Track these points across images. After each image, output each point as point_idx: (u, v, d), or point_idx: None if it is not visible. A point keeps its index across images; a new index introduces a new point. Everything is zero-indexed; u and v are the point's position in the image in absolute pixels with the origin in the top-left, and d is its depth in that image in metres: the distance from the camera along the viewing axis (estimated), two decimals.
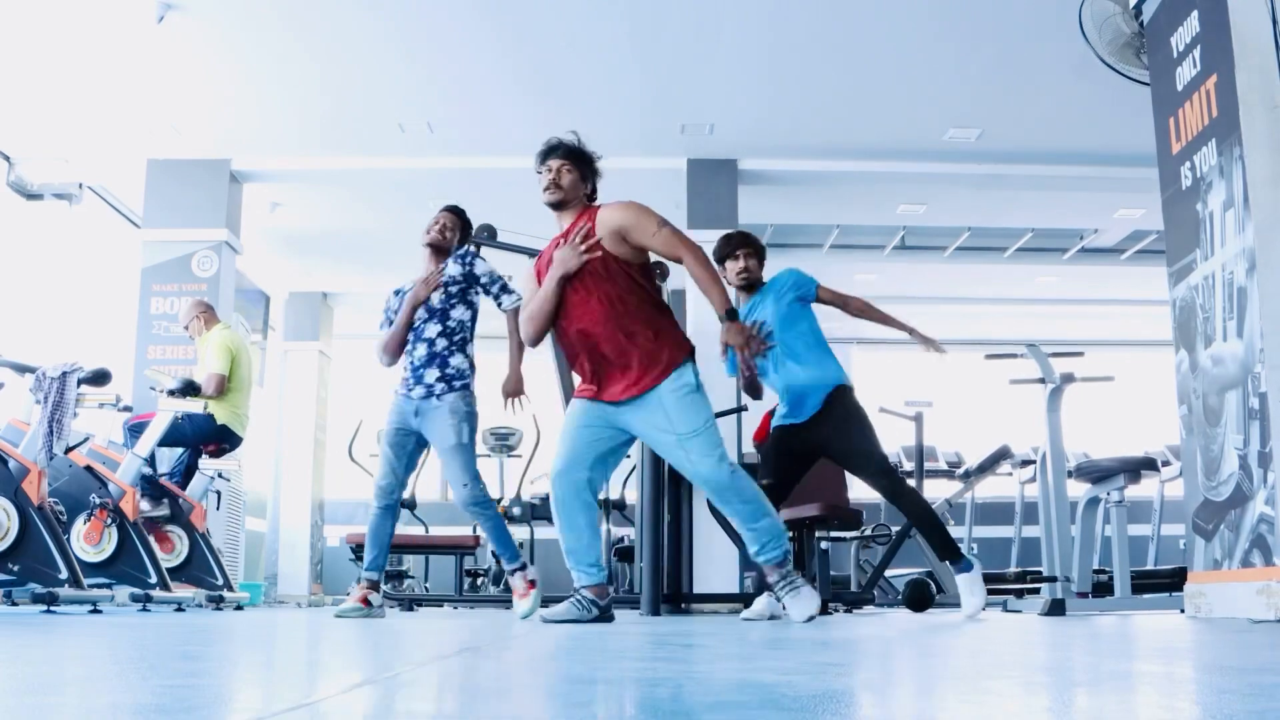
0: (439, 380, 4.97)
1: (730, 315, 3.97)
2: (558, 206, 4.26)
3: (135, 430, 6.41)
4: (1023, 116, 8.07)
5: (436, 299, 5.06)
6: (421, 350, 5.04)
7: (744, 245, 5.09)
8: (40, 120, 7.90)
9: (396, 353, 5.12)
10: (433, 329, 5.04)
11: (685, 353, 4.05)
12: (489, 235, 7.25)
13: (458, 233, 5.28)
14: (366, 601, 4.97)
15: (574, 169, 4.26)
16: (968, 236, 10.50)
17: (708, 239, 4.87)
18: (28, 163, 8.39)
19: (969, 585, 4.72)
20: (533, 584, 5.09)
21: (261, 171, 8.78)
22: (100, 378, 5.47)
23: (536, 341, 4.30)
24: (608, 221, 4.09)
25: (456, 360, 5.02)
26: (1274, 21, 4.21)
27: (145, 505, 6.50)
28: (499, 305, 5.15)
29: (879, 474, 4.73)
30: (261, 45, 6.98)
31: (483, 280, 5.11)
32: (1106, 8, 5.42)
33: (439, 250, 5.20)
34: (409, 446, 5.07)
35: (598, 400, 4.10)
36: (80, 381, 5.32)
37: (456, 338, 5.05)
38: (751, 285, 5.06)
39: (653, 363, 3.99)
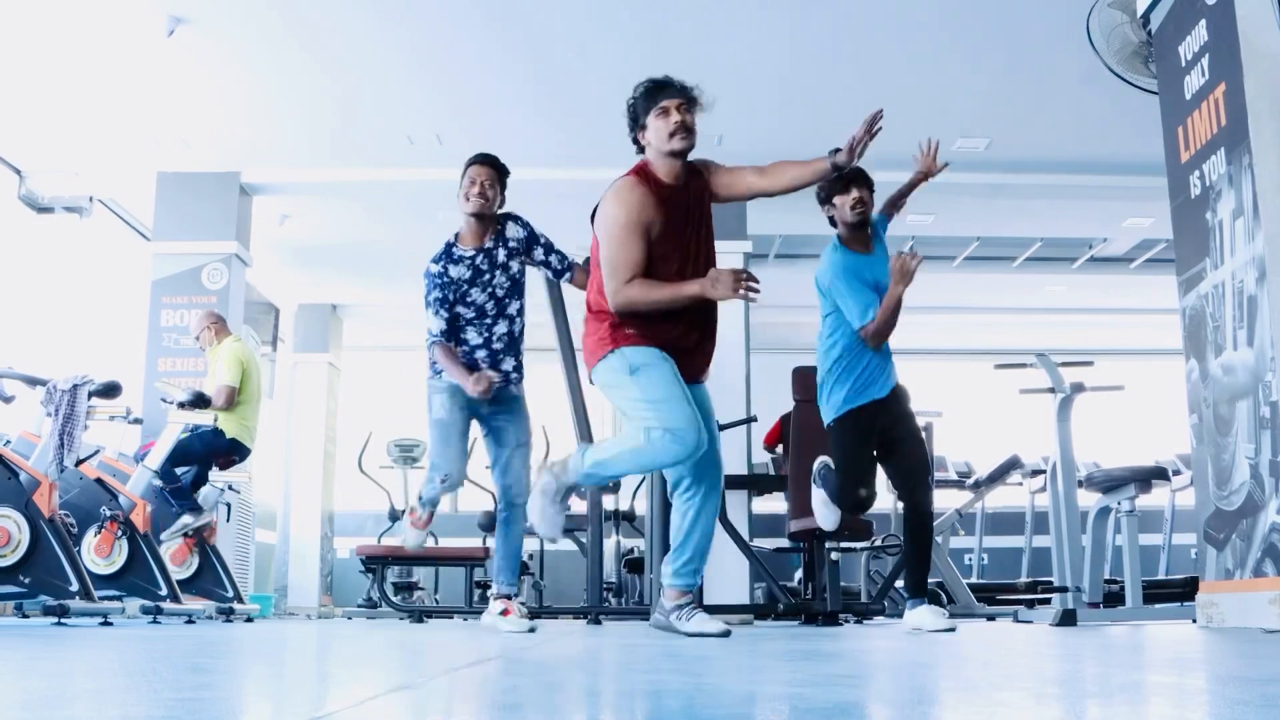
0: (515, 370, 4.56)
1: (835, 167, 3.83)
2: (683, 155, 3.77)
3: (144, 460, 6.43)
4: (1031, 126, 8.06)
5: (515, 268, 4.52)
6: (502, 329, 4.51)
7: (857, 178, 4.66)
8: (51, 134, 7.94)
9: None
10: (514, 306, 4.53)
11: None
12: None
13: (499, 189, 4.55)
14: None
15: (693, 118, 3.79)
16: (976, 246, 10.49)
17: (718, 251, 4.81)
18: (38, 176, 8.43)
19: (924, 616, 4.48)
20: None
21: (271, 184, 8.81)
22: (111, 390, 5.48)
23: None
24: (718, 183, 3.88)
25: (521, 354, 4.61)
26: None
27: (188, 519, 6.53)
28: (559, 266, 4.57)
29: (925, 466, 4.67)
30: (271, 58, 7.01)
31: (542, 241, 4.59)
32: (1114, 17, 5.42)
33: (484, 218, 4.51)
34: (466, 434, 4.56)
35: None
36: (91, 394, 5.34)
37: (521, 323, 4.60)
38: (865, 222, 4.66)
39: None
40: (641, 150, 3.87)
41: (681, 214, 3.77)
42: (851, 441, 4.56)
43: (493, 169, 4.54)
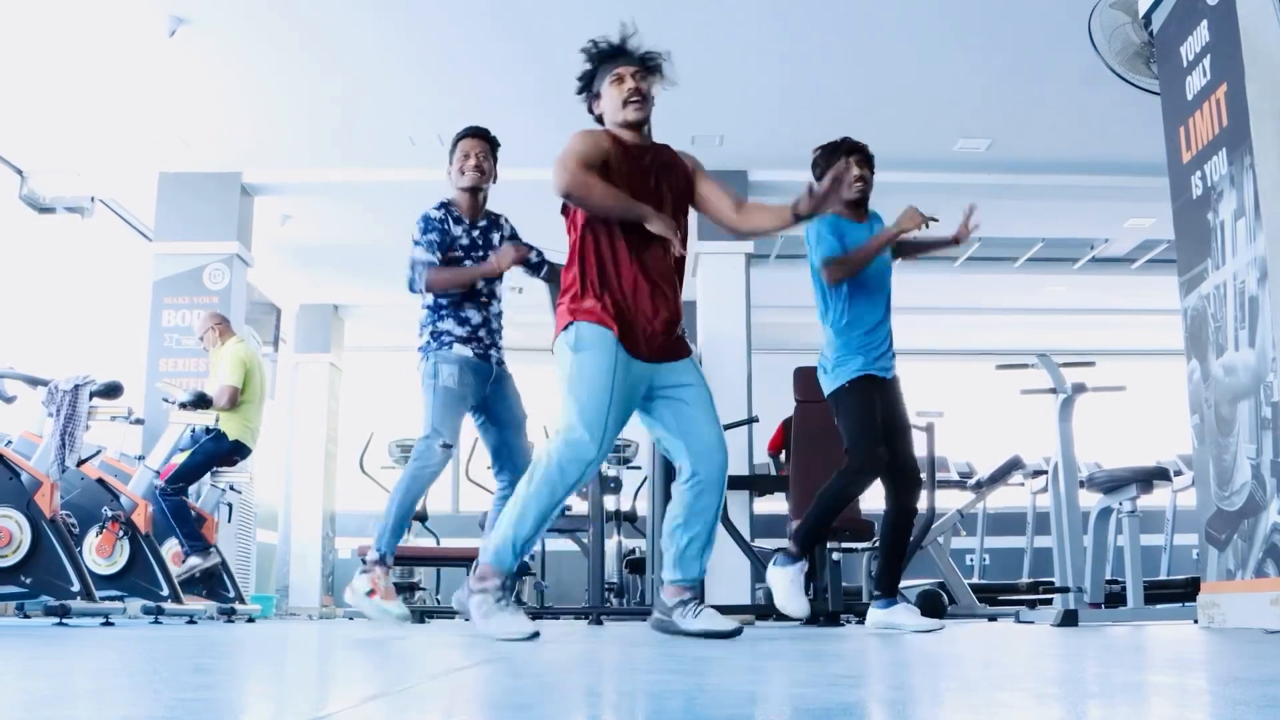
0: (500, 354, 4.47)
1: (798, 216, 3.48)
2: (638, 126, 3.59)
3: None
4: (1032, 126, 8.06)
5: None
6: (496, 308, 4.43)
7: (855, 151, 4.49)
8: (52, 134, 7.95)
9: (440, 292, 4.34)
10: (500, 287, 4.45)
11: None
12: None
13: (493, 162, 4.45)
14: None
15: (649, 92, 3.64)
16: (978, 247, 10.49)
17: (717, 250, 4.78)
18: (40, 176, 8.43)
19: (904, 616, 4.41)
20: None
21: (272, 184, 8.82)
22: (112, 390, 5.49)
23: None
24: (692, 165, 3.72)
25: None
26: None
27: (195, 560, 6.49)
28: (536, 260, 4.45)
29: (916, 463, 4.54)
30: (272, 58, 7.01)
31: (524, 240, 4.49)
32: (1116, 17, 5.42)
33: (478, 192, 4.40)
34: (467, 409, 4.38)
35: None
36: (92, 394, 5.34)
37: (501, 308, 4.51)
38: (863, 200, 4.52)
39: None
40: (599, 120, 3.71)
41: (641, 174, 3.55)
42: (868, 402, 4.34)
43: (485, 141, 4.42)
